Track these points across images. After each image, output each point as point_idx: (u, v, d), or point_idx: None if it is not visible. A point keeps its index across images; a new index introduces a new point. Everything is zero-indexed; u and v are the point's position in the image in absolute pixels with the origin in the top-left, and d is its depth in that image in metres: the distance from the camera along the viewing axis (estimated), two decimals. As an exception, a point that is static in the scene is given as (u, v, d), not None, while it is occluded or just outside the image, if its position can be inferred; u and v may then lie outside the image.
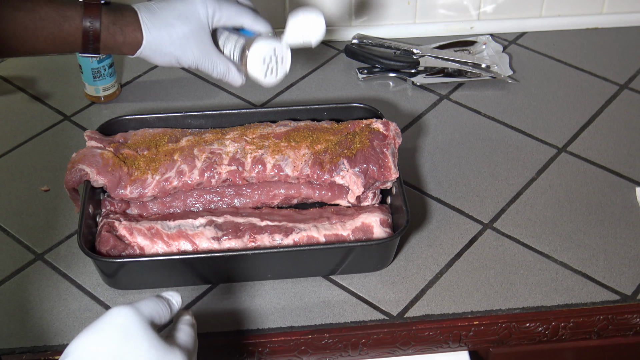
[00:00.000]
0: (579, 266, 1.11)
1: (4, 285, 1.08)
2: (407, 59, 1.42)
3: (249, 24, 1.04)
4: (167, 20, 1.00)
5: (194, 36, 1.01)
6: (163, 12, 1.00)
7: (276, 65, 1.04)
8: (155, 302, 0.77)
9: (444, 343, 1.05)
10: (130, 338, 0.72)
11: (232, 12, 1.02)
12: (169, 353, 0.74)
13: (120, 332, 0.72)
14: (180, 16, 1.00)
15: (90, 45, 0.99)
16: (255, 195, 1.13)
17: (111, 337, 0.72)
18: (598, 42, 1.51)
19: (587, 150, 1.29)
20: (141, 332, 0.73)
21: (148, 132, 1.16)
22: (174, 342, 0.77)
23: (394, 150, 1.12)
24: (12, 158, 1.27)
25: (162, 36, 1.00)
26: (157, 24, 1.00)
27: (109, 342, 0.72)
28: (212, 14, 1.01)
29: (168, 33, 1.00)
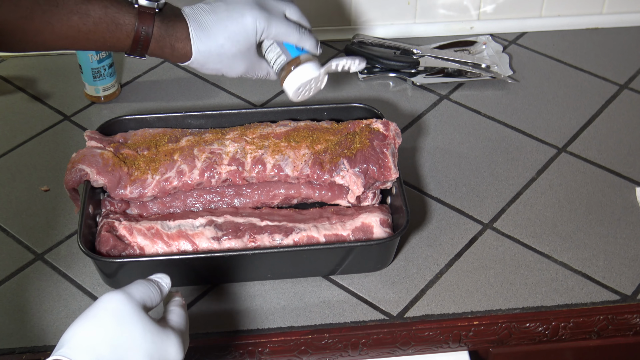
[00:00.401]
0: (579, 266, 1.11)
1: (4, 285, 1.08)
2: (407, 59, 1.42)
3: (295, 42, 1.04)
4: (218, 40, 1.00)
5: (241, 55, 1.02)
6: (214, 30, 1.00)
7: (310, 89, 1.07)
8: (145, 286, 0.79)
9: (444, 343, 1.05)
10: (124, 323, 0.74)
11: (280, 32, 1.03)
12: (162, 335, 0.76)
13: (114, 317, 0.74)
14: (231, 37, 1.01)
15: (138, 52, 1.01)
16: (255, 195, 1.13)
17: (106, 324, 0.73)
18: (598, 42, 1.51)
19: (587, 150, 1.29)
20: (135, 317, 0.74)
21: (148, 132, 1.16)
22: (166, 324, 0.78)
23: (394, 150, 1.12)
24: (12, 158, 1.27)
25: (211, 55, 1.01)
26: (208, 43, 1.00)
27: (104, 329, 0.73)
28: (260, 33, 1.02)
29: (217, 53, 1.01)
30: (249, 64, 1.04)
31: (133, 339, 0.73)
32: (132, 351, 0.73)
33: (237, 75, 1.05)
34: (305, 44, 1.05)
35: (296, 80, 1.04)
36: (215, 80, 1.42)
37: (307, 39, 1.05)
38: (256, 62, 1.05)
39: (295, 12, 1.05)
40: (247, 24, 1.01)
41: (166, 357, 0.76)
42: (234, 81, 1.41)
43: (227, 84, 1.41)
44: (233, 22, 1.00)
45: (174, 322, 0.80)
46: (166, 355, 0.76)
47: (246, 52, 1.03)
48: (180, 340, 0.78)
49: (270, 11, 1.02)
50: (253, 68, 1.05)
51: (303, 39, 1.04)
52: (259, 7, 1.01)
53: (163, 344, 0.76)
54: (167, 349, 0.76)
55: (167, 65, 1.45)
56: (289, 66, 1.04)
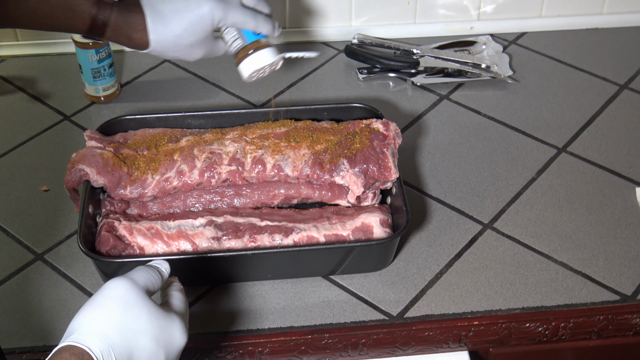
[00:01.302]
0: (579, 266, 1.11)
1: (4, 285, 1.08)
2: (407, 59, 1.42)
3: (251, 29, 1.05)
4: (175, 31, 1.01)
5: (198, 43, 1.03)
6: (171, 21, 1.01)
7: (265, 72, 1.08)
8: (147, 271, 0.81)
9: (444, 343, 1.05)
10: (131, 308, 0.75)
11: (237, 20, 1.04)
12: (167, 319, 0.78)
13: (121, 303, 0.75)
14: (188, 28, 1.02)
15: (95, 37, 1.02)
16: (255, 195, 1.13)
17: (113, 309, 0.75)
18: (598, 42, 1.51)
19: (587, 150, 1.29)
20: (140, 302, 0.76)
21: (148, 132, 1.16)
22: (170, 309, 0.80)
23: (394, 150, 1.12)
24: (12, 158, 1.27)
25: (169, 45, 1.03)
26: (164, 33, 1.01)
27: (112, 314, 0.74)
28: (217, 22, 1.03)
29: (174, 42, 1.02)
30: (207, 49, 1.06)
31: (140, 323, 0.75)
32: (140, 335, 0.75)
33: (195, 59, 1.07)
34: (262, 30, 1.06)
35: (250, 65, 1.05)
36: (215, 80, 1.42)
37: (263, 25, 1.05)
38: (214, 45, 1.06)
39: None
40: (204, 14, 1.02)
41: (172, 340, 0.78)
42: (234, 81, 1.41)
43: (227, 84, 1.41)
44: (190, 13, 1.01)
45: (176, 306, 0.82)
46: (172, 338, 0.78)
47: (203, 40, 1.04)
48: (184, 324, 0.80)
49: (226, 0, 1.03)
50: (211, 51, 1.07)
51: (259, 25, 1.05)
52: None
53: (168, 327, 0.77)
54: (172, 332, 0.78)
55: (167, 65, 1.45)
56: (244, 51, 1.05)
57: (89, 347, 0.72)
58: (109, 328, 0.74)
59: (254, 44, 1.05)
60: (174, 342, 0.78)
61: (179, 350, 0.79)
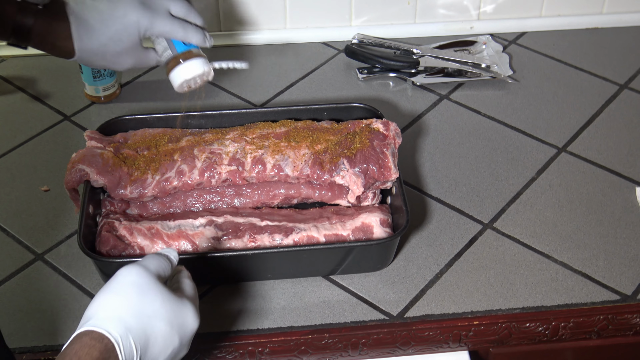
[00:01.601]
0: (579, 266, 1.11)
1: (4, 285, 1.08)
2: (407, 59, 1.42)
3: (180, 39, 1.05)
4: (100, 39, 1.01)
5: (125, 52, 1.03)
6: (97, 30, 1.01)
7: (196, 82, 1.07)
8: (157, 259, 0.83)
9: (444, 343, 1.05)
10: (144, 294, 0.78)
11: (163, 30, 1.04)
12: (179, 303, 0.80)
13: (135, 289, 0.78)
14: (113, 37, 1.01)
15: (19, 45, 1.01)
16: (255, 195, 1.13)
17: (128, 295, 0.77)
18: (598, 42, 1.51)
19: (587, 150, 1.29)
20: (153, 287, 0.79)
21: (148, 132, 1.16)
22: (181, 294, 0.83)
23: (394, 150, 1.12)
24: (12, 158, 1.27)
25: (95, 54, 1.02)
26: (90, 42, 1.01)
27: (127, 300, 0.77)
28: (143, 32, 1.03)
29: (101, 51, 1.02)
30: (135, 59, 1.05)
31: (154, 308, 0.78)
32: (155, 319, 0.77)
33: (125, 69, 1.06)
34: (191, 40, 1.05)
35: (180, 76, 1.05)
36: (215, 80, 1.42)
37: (193, 35, 1.05)
38: (143, 55, 1.06)
39: (181, 8, 1.05)
40: (130, 23, 1.01)
41: (185, 324, 0.80)
42: (234, 81, 1.41)
43: (227, 84, 1.41)
44: (115, 22, 1.01)
45: (187, 291, 0.84)
46: (185, 322, 0.80)
47: (130, 49, 1.03)
48: (195, 308, 0.82)
49: (153, 9, 1.02)
50: (140, 61, 1.06)
51: (189, 36, 1.04)
52: (142, 5, 1.02)
53: (181, 311, 0.80)
54: (185, 316, 0.80)
55: (167, 65, 1.45)
56: (174, 61, 1.05)
57: (107, 330, 0.74)
58: (125, 313, 0.76)
59: (184, 54, 1.04)
60: (187, 325, 0.80)
61: (192, 334, 0.82)
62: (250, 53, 1.48)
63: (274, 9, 1.48)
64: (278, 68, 1.45)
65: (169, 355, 0.79)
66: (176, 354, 0.81)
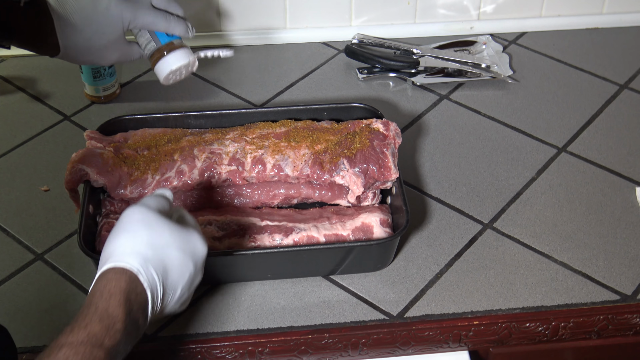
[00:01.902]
0: (579, 266, 1.11)
1: (4, 285, 1.08)
2: (407, 59, 1.42)
3: (163, 30, 1.05)
4: (84, 34, 1.01)
5: (110, 45, 1.04)
6: (80, 25, 1.01)
7: (181, 74, 1.08)
8: (156, 197, 0.89)
9: (444, 343, 1.05)
10: (152, 227, 0.84)
11: (146, 22, 1.04)
12: (186, 231, 0.86)
13: (142, 224, 0.83)
14: (97, 31, 1.02)
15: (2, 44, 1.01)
16: (255, 195, 1.13)
17: (138, 231, 0.83)
18: (598, 42, 1.51)
19: (587, 150, 1.29)
20: (159, 220, 0.85)
21: (148, 132, 1.16)
22: (186, 224, 0.88)
23: (394, 150, 1.12)
24: (12, 158, 1.27)
25: (80, 49, 1.03)
26: (74, 38, 1.01)
27: (139, 234, 0.82)
28: (127, 24, 1.04)
29: (85, 46, 1.02)
30: (120, 52, 1.06)
31: (165, 238, 0.84)
32: (168, 248, 0.83)
33: (110, 64, 1.08)
34: (174, 31, 1.05)
35: (165, 67, 1.05)
36: (215, 80, 1.42)
37: (175, 26, 1.05)
38: (127, 48, 1.06)
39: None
40: (113, 17, 1.01)
41: (195, 249, 0.86)
42: (234, 81, 1.41)
43: (227, 84, 1.41)
44: (99, 16, 1.01)
45: (189, 222, 0.90)
46: (195, 248, 0.86)
47: (115, 42, 1.04)
48: (201, 234, 0.88)
49: (135, 2, 1.03)
50: (125, 55, 1.07)
51: (171, 27, 1.05)
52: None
53: (189, 238, 0.86)
54: (194, 242, 0.86)
55: (167, 65, 1.45)
56: (158, 53, 1.05)
57: (128, 263, 0.80)
58: (140, 246, 0.82)
59: (168, 45, 1.05)
60: (197, 251, 0.86)
61: (203, 259, 0.88)
62: (250, 53, 1.48)
63: (274, 9, 1.48)
64: (278, 68, 1.45)
65: (187, 280, 0.85)
66: (193, 279, 0.87)
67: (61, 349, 0.74)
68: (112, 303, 0.77)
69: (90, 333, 0.75)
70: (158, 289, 0.82)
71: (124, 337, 0.77)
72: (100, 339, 0.75)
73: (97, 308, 0.77)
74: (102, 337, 0.75)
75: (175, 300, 0.86)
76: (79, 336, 0.74)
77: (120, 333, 0.76)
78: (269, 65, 1.45)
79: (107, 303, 0.77)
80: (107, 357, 0.74)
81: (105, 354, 0.74)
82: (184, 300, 0.88)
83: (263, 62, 1.46)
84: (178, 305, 0.87)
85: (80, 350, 0.73)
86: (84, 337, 0.74)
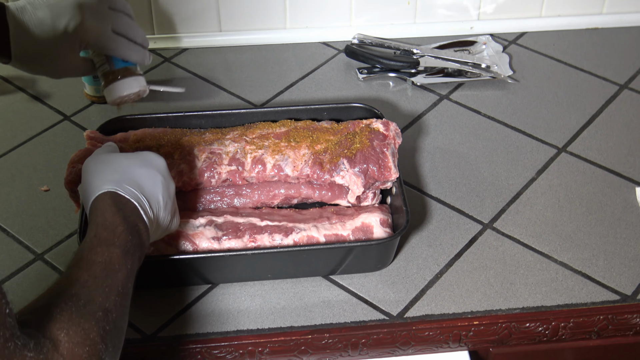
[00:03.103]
0: (579, 266, 1.11)
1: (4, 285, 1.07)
2: (407, 59, 1.42)
3: (119, 56, 1.05)
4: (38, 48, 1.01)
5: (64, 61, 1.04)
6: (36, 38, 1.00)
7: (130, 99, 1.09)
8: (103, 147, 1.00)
9: (444, 343, 1.05)
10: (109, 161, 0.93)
11: (105, 47, 1.04)
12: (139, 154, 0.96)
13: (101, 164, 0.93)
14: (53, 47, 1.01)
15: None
16: (255, 195, 1.13)
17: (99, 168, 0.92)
18: (598, 42, 1.51)
19: (587, 150, 1.29)
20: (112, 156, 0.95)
21: (148, 132, 1.16)
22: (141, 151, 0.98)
23: (394, 150, 1.12)
24: (12, 158, 1.27)
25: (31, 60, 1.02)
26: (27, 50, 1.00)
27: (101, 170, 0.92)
28: (84, 46, 1.04)
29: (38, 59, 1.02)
30: (74, 68, 1.06)
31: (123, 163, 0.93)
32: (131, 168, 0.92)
33: (61, 78, 1.07)
34: (131, 58, 1.05)
35: (115, 92, 1.07)
36: (215, 80, 1.42)
37: (133, 54, 1.05)
38: (81, 64, 1.06)
39: (123, 24, 1.05)
40: (71, 37, 1.01)
41: (153, 162, 0.95)
42: (234, 81, 1.41)
43: (227, 84, 1.41)
44: (56, 33, 1.00)
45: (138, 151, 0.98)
46: (152, 161, 0.95)
47: (68, 59, 1.03)
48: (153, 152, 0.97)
49: (96, 25, 1.02)
50: (78, 70, 1.07)
51: (129, 54, 1.05)
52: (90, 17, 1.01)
53: (144, 156, 0.95)
54: (150, 158, 0.95)
55: (167, 65, 1.45)
56: (112, 75, 1.05)
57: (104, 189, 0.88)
58: (107, 175, 0.90)
59: (121, 70, 1.05)
60: (157, 162, 0.95)
61: (166, 168, 0.96)
62: (251, 53, 1.48)
63: (274, 9, 1.48)
64: (278, 68, 1.45)
65: (161, 188, 0.93)
66: (167, 186, 0.95)
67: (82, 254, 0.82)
68: (107, 215, 0.86)
69: (101, 238, 0.84)
70: (141, 198, 0.90)
71: (130, 236, 0.86)
72: (111, 240, 0.83)
73: (97, 222, 0.85)
74: (111, 239, 0.84)
75: (162, 208, 0.93)
76: (92, 243, 0.83)
77: (125, 233, 0.85)
78: (269, 65, 1.45)
79: (103, 216, 0.86)
80: (122, 252, 0.83)
81: (120, 250, 0.83)
82: (170, 209, 0.95)
83: (263, 62, 1.46)
84: (167, 214, 0.95)
85: (99, 251, 0.82)
86: (97, 242, 0.83)
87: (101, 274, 0.80)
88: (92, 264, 0.80)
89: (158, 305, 1.05)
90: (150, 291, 1.06)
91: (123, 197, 0.89)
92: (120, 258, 0.83)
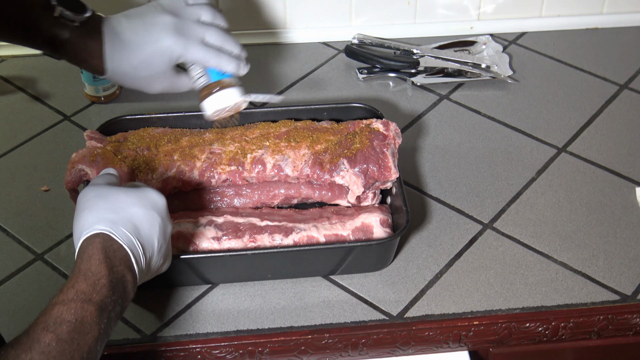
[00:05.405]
0: (579, 266, 1.11)
1: (4, 285, 1.08)
2: (407, 59, 1.42)
3: (213, 67, 1.03)
4: (131, 62, 1.01)
5: (157, 76, 1.03)
6: (129, 52, 1.00)
7: (229, 111, 1.07)
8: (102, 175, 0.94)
9: (444, 343, 1.05)
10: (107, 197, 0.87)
11: (197, 58, 1.02)
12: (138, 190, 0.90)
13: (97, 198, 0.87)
14: (145, 61, 1.01)
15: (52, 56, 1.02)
16: (255, 195, 1.13)
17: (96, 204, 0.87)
18: (598, 42, 1.51)
19: (587, 150, 1.29)
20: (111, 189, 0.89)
21: (148, 132, 1.16)
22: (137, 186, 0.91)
23: (394, 150, 1.12)
24: (12, 158, 1.27)
25: (125, 75, 1.02)
26: (121, 64, 1.01)
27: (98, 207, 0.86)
28: (176, 58, 1.02)
29: (131, 74, 1.02)
30: (168, 84, 1.04)
31: (121, 201, 0.87)
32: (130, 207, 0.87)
33: (157, 92, 1.06)
34: (225, 69, 1.03)
35: (212, 105, 1.04)
36: (215, 80, 1.42)
37: (227, 64, 1.03)
38: (176, 79, 1.05)
39: (216, 36, 1.03)
40: (163, 48, 1.00)
41: (153, 202, 0.89)
42: (234, 81, 1.41)
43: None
44: (148, 46, 1.00)
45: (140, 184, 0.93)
46: (153, 201, 0.89)
47: (162, 74, 1.03)
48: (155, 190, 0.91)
49: (187, 37, 1.01)
50: (172, 86, 1.05)
51: (222, 64, 1.03)
52: (176, 32, 1.00)
53: (144, 194, 0.89)
54: (150, 195, 0.90)
55: (167, 65, 1.45)
56: (208, 89, 1.03)
57: (97, 229, 0.83)
58: (103, 214, 0.85)
59: (218, 83, 1.03)
60: (156, 202, 0.89)
61: (165, 208, 0.91)
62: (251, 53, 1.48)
63: (274, 9, 1.48)
64: (278, 68, 1.45)
65: (159, 230, 0.88)
66: (164, 228, 0.90)
67: (54, 307, 0.77)
68: (92, 263, 0.81)
69: (78, 291, 0.79)
70: (135, 244, 0.85)
71: (112, 292, 0.81)
72: (88, 295, 0.79)
73: (80, 269, 0.81)
74: (89, 293, 0.79)
75: (156, 252, 0.89)
76: (68, 295, 0.78)
77: (106, 288, 0.80)
78: (269, 65, 1.45)
79: (88, 264, 0.81)
80: (97, 310, 0.78)
81: (95, 308, 0.78)
82: (164, 252, 0.91)
83: (263, 62, 1.46)
84: (161, 257, 0.90)
85: (72, 307, 0.77)
86: (73, 295, 0.78)
87: (67, 337, 0.75)
88: (60, 323, 0.75)
89: (158, 305, 1.05)
90: (150, 291, 1.06)
91: (115, 242, 0.83)
92: (95, 317, 0.78)
